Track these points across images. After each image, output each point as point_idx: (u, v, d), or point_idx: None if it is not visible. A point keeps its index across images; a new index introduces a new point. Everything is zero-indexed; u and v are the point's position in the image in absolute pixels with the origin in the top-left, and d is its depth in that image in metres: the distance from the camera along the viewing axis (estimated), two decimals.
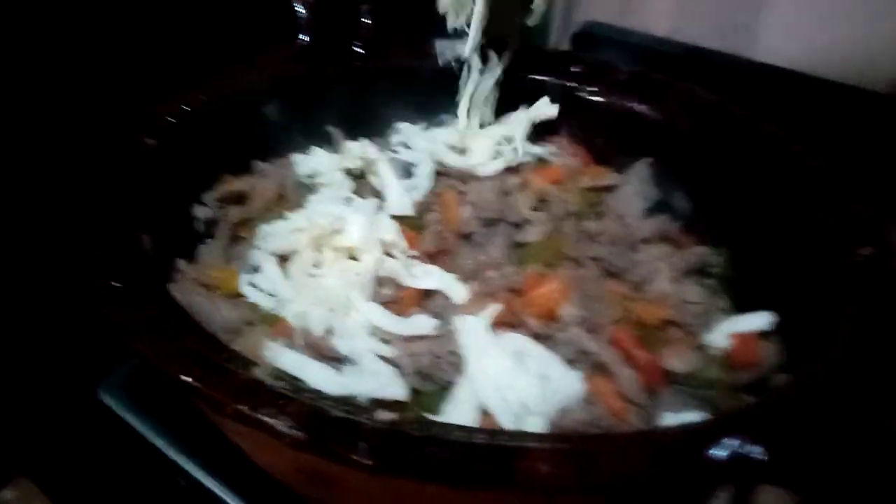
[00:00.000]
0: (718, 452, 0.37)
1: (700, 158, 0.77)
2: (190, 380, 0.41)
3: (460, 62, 0.82)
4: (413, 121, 0.87)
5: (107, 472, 0.71)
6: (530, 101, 0.86)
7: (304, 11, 0.82)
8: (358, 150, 0.78)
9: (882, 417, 0.36)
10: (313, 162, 0.78)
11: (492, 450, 0.38)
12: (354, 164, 0.77)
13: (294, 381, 0.50)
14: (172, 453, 0.66)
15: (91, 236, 0.51)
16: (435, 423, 0.46)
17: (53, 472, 0.71)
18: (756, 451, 0.37)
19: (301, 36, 0.83)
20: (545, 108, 0.85)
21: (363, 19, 0.87)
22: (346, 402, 0.48)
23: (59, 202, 0.55)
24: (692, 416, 0.50)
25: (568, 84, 0.87)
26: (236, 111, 0.76)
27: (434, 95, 0.88)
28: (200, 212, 0.69)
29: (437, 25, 0.86)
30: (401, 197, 0.75)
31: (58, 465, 0.72)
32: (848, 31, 1.10)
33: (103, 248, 0.51)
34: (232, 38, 0.85)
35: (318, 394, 0.48)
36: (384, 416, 0.42)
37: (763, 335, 0.59)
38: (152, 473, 0.68)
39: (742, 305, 0.64)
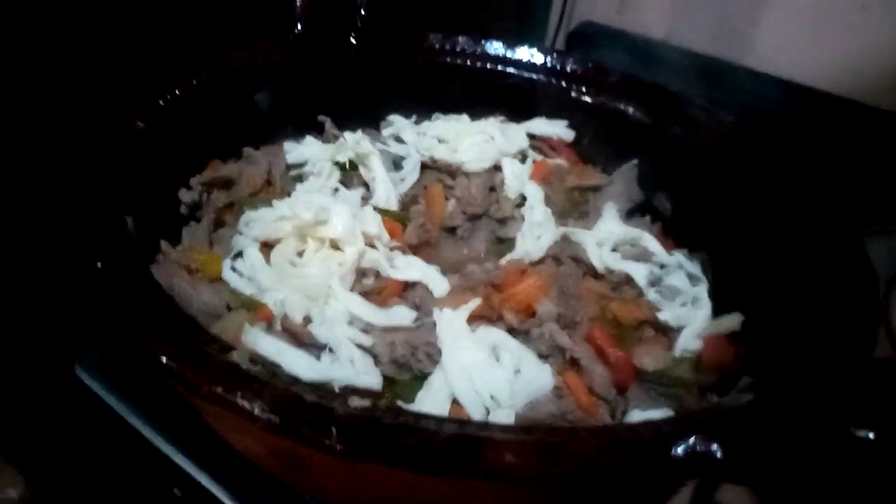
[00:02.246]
0: (678, 449, 0.38)
1: (685, 162, 0.78)
2: (166, 360, 0.42)
3: None
4: (405, 114, 0.88)
5: (79, 447, 0.72)
6: (520, 97, 0.87)
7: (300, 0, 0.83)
8: (351, 142, 0.78)
9: (844, 424, 0.37)
10: (303, 150, 0.78)
11: (459, 439, 0.39)
12: (347, 155, 0.78)
13: (271, 367, 0.51)
14: (146, 431, 0.67)
15: (75, 216, 0.52)
16: (405, 411, 0.47)
17: (25, 446, 0.71)
18: (714, 450, 0.38)
19: (297, 24, 0.83)
20: (559, 130, 0.86)
21: (360, 11, 0.87)
22: (321, 388, 0.49)
23: (44, 181, 0.55)
24: (658, 414, 0.52)
25: (559, 83, 0.88)
26: (227, 97, 0.76)
27: (427, 89, 0.89)
28: (185, 195, 0.70)
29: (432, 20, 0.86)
30: (388, 191, 0.75)
31: (30, 439, 0.72)
32: (840, 43, 1.12)
33: (87, 227, 0.51)
34: (227, 25, 0.86)
35: (294, 379, 0.49)
36: (357, 402, 0.43)
37: (733, 337, 0.60)
38: (125, 451, 0.69)
39: (716, 307, 0.65)
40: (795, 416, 0.39)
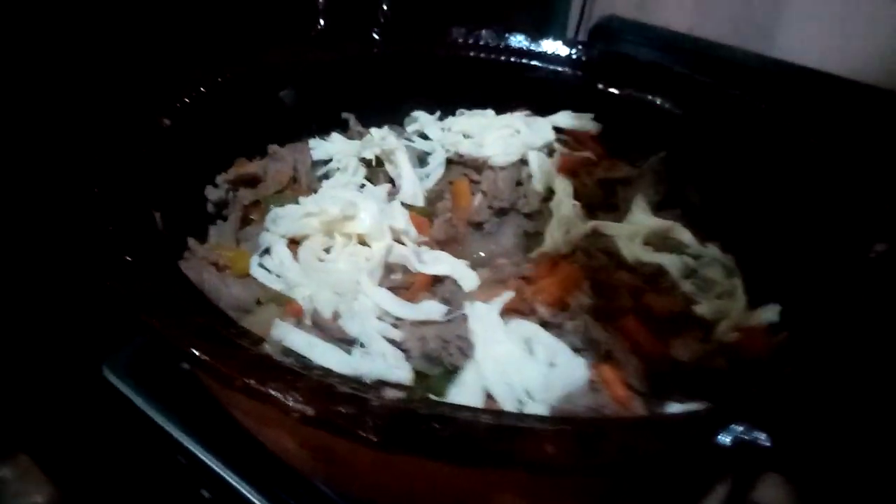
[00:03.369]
0: (724, 438, 0.37)
1: (715, 153, 0.76)
2: (199, 353, 0.41)
3: None
4: (429, 109, 0.87)
5: (107, 450, 0.71)
6: (545, 90, 0.86)
7: None
8: (377, 138, 0.78)
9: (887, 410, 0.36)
10: (329, 147, 0.78)
11: (498, 429, 0.38)
12: (373, 152, 0.77)
13: (302, 360, 0.50)
14: (174, 431, 0.66)
15: (104, 211, 0.52)
16: (441, 402, 0.46)
17: (53, 449, 0.71)
18: (761, 438, 0.37)
19: (319, 21, 0.83)
20: (585, 123, 0.85)
21: (382, 6, 0.87)
22: (353, 380, 0.48)
23: (72, 178, 0.55)
24: (697, 406, 0.50)
25: (585, 75, 0.87)
26: (252, 94, 0.76)
27: (451, 84, 0.88)
28: (212, 193, 0.69)
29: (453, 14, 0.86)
30: (414, 187, 0.75)
31: (58, 442, 0.72)
32: (862, 30, 1.10)
33: (116, 223, 0.51)
34: (251, 22, 0.86)
35: (327, 371, 0.48)
36: (392, 393, 0.42)
37: (770, 327, 0.59)
38: (153, 452, 0.68)
39: (751, 298, 0.64)
40: (845, 404, 0.37)
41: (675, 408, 0.52)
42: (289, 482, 0.62)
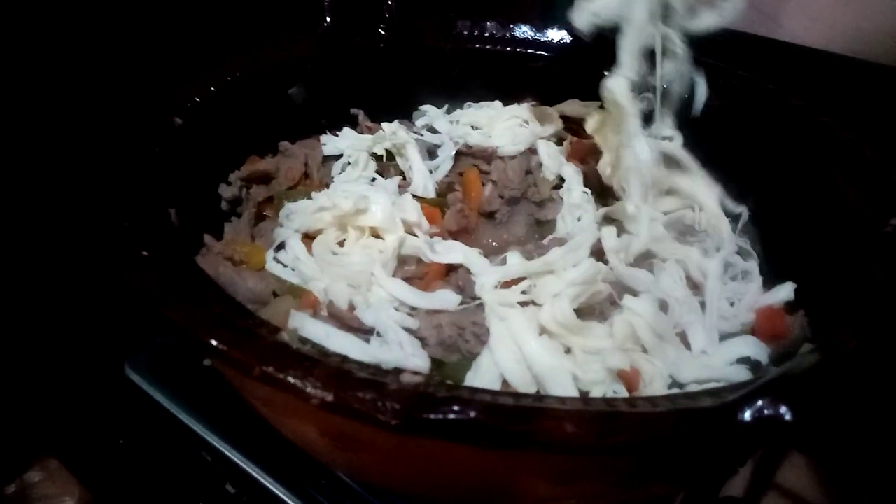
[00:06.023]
0: (745, 414, 0.37)
1: (726, 134, 0.76)
2: (217, 343, 0.42)
3: None
4: (436, 103, 0.88)
5: (133, 449, 0.72)
6: (550, 81, 0.86)
7: None
8: (388, 133, 0.78)
9: None
10: (340, 142, 0.78)
11: (516, 410, 0.38)
12: (384, 146, 0.77)
13: (319, 348, 0.50)
14: (197, 428, 0.67)
15: (119, 208, 0.52)
16: (459, 387, 0.46)
17: (80, 450, 0.72)
18: (783, 412, 0.37)
19: (326, 17, 0.83)
20: (590, 110, 0.84)
21: (387, 1, 0.87)
22: (371, 367, 0.49)
23: (87, 177, 0.56)
24: (716, 384, 0.50)
25: (590, 63, 0.86)
26: (261, 92, 0.77)
27: (458, 77, 0.88)
28: (225, 191, 0.70)
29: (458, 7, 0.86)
30: (425, 179, 0.75)
31: (84, 443, 0.73)
32: (867, 11, 1.09)
33: (131, 219, 0.51)
34: (258, 20, 0.86)
35: (344, 358, 0.48)
36: (410, 378, 0.42)
37: (788, 307, 0.59)
38: (178, 449, 0.69)
39: (768, 279, 0.64)
40: (864, 374, 0.37)
41: (693, 388, 0.52)
42: (312, 474, 0.63)
